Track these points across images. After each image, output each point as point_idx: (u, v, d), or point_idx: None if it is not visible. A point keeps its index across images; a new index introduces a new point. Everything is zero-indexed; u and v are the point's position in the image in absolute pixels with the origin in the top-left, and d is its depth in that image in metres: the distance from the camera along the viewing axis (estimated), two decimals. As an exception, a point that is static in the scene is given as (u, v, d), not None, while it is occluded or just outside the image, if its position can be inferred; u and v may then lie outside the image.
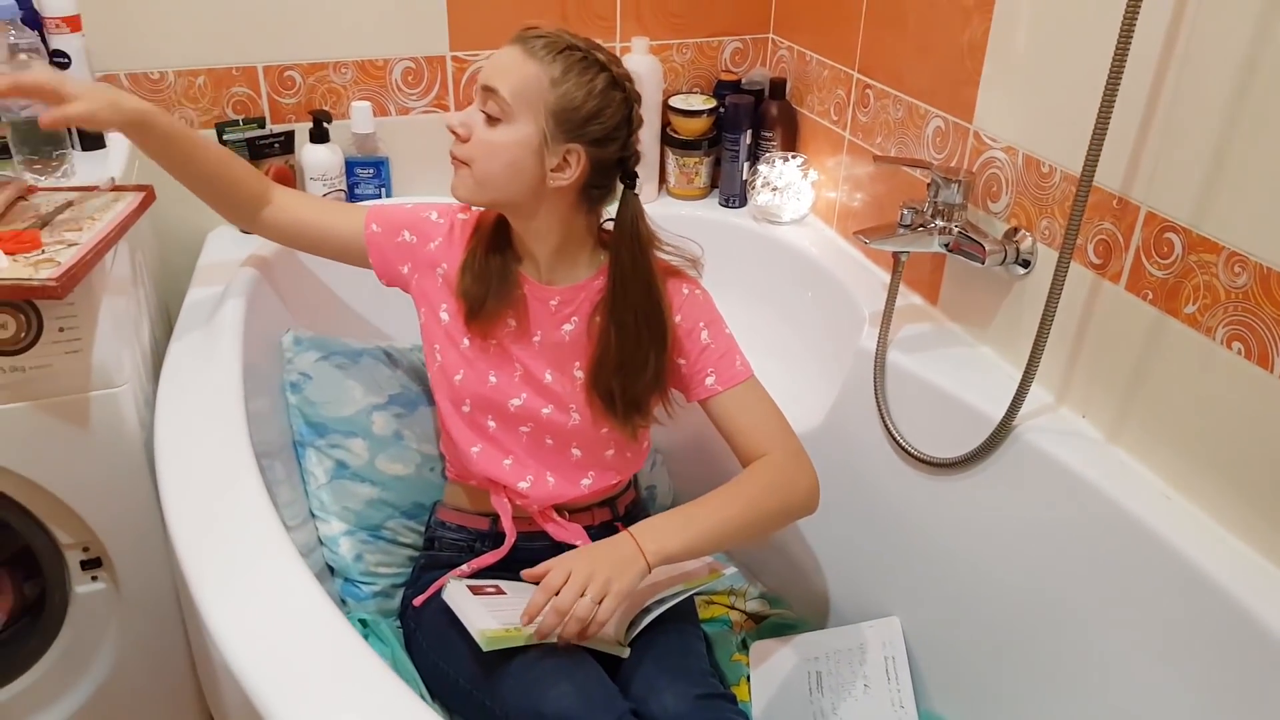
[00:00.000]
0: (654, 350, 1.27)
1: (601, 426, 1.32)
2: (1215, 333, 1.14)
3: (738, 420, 1.30)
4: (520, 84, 1.16)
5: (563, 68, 1.16)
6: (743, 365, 1.32)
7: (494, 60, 1.19)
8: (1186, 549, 1.12)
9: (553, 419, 1.31)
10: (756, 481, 1.26)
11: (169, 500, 1.10)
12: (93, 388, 1.23)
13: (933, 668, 1.47)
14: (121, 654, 1.41)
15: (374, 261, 1.35)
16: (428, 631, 1.29)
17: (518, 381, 1.31)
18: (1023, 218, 1.40)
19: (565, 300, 1.30)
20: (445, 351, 1.32)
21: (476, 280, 1.28)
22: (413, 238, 1.33)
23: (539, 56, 1.16)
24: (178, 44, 1.66)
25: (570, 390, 1.31)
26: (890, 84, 1.66)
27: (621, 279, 1.25)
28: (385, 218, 1.35)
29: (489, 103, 1.18)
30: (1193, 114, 1.13)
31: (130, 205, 1.27)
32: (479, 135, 1.19)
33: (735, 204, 1.98)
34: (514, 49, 1.18)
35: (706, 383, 1.30)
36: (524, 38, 1.18)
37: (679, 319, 1.30)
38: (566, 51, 1.16)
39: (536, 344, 1.31)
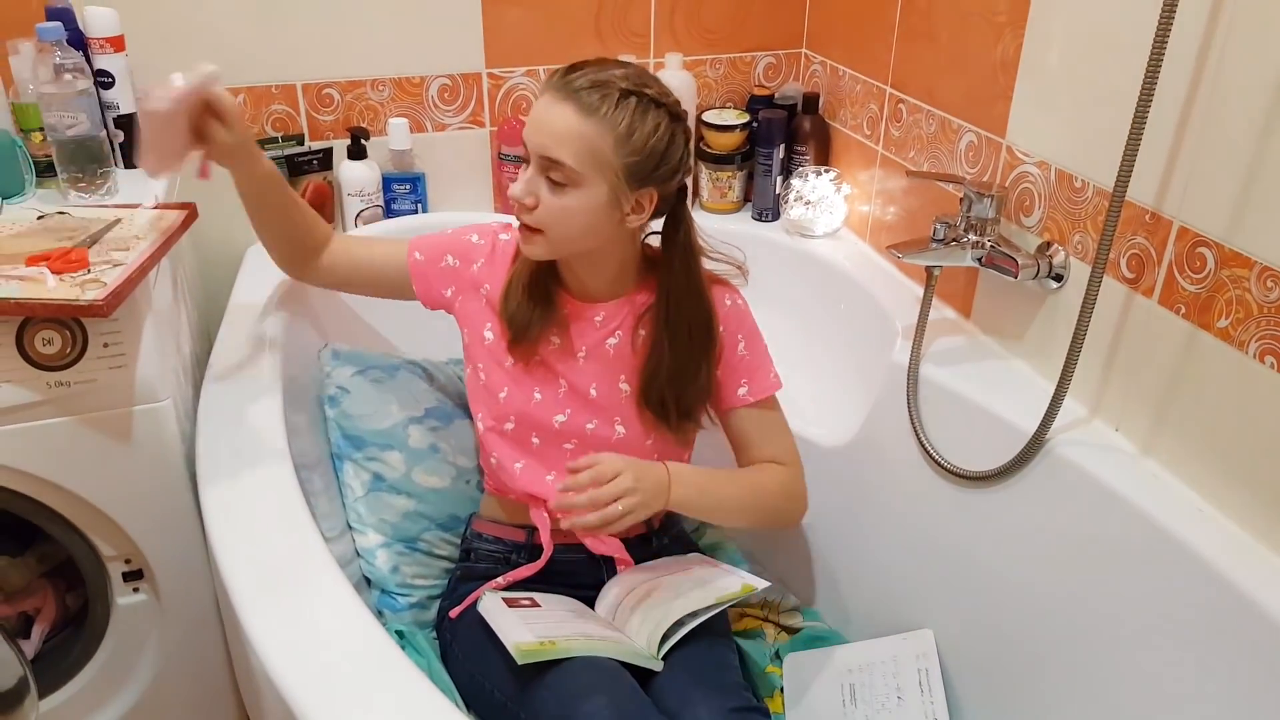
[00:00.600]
0: (705, 359, 1.29)
1: (647, 439, 1.32)
2: (1248, 347, 1.13)
3: (758, 432, 1.35)
4: (584, 149, 1.13)
5: (626, 121, 1.13)
6: (775, 378, 1.36)
7: (546, 122, 1.14)
8: (1219, 563, 1.11)
9: (597, 433, 1.32)
10: (773, 481, 1.33)
11: (210, 512, 1.12)
12: (136, 402, 1.25)
13: (966, 680, 1.46)
14: (162, 665, 1.44)
15: (418, 289, 1.36)
16: (463, 643, 1.30)
17: (562, 398, 1.31)
18: (1055, 232, 1.39)
19: (610, 315, 1.31)
20: (489, 370, 1.33)
21: (521, 305, 1.28)
22: (455, 261, 1.35)
23: (596, 112, 1.12)
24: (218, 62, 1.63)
25: (615, 403, 1.32)
26: (923, 99, 1.66)
27: (674, 291, 1.26)
28: (427, 245, 1.36)
29: (553, 171, 1.15)
30: (1225, 129, 1.13)
31: (173, 224, 1.29)
32: (548, 202, 1.17)
33: (768, 218, 1.98)
34: (566, 107, 1.13)
35: (739, 393, 1.34)
36: (571, 89, 1.13)
37: (721, 330, 1.32)
38: (622, 100, 1.13)
39: (581, 359, 1.32)
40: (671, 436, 1.32)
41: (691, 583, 1.32)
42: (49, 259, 1.16)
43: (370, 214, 1.78)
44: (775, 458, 1.35)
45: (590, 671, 1.15)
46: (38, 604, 1.47)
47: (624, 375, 1.32)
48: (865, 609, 1.60)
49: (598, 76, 1.14)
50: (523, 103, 1.89)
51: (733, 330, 1.33)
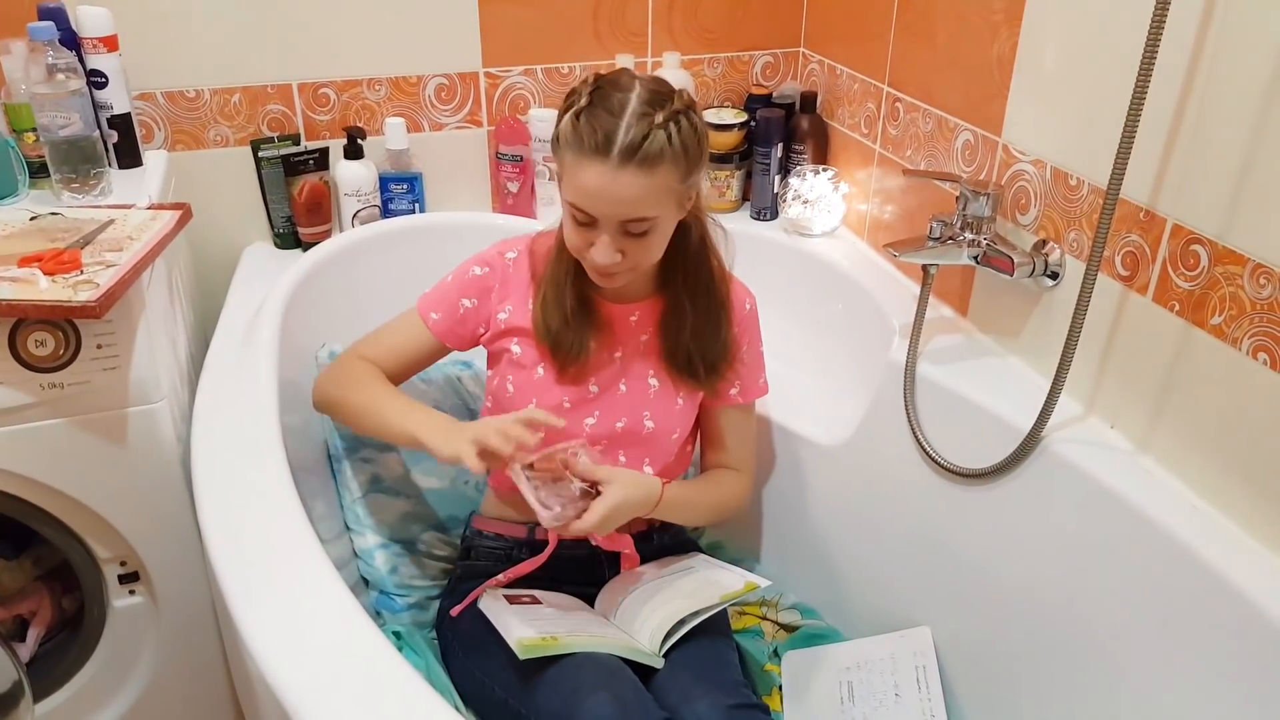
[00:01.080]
0: (723, 312, 1.33)
1: (672, 430, 1.34)
2: (1241, 344, 1.13)
3: (732, 434, 1.43)
4: (661, 196, 1.15)
5: (680, 145, 1.13)
6: (764, 384, 1.42)
7: (616, 192, 1.13)
8: (1214, 559, 1.11)
9: (626, 430, 1.33)
10: (732, 498, 1.44)
11: (205, 515, 1.12)
12: (130, 404, 1.25)
13: (964, 677, 1.46)
14: (159, 667, 1.44)
15: (452, 345, 1.36)
16: (464, 641, 1.30)
17: (590, 400, 1.32)
18: (1051, 230, 1.39)
19: (644, 314, 1.32)
20: (518, 383, 1.32)
21: (564, 329, 1.28)
22: (473, 301, 1.33)
23: (660, 161, 1.12)
24: (214, 62, 1.69)
25: (644, 398, 1.33)
26: (920, 97, 1.66)
27: (687, 255, 1.28)
28: (438, 301, 1.35)
29: (633, 225, 1.16)
30: (1219, 127, 1.13)
31: (167, 225, 1.29)
32: (633, 249, 1.19)
33: (767, 217, 1.98)
34: (629, 173, 1.12)
35: (731, 392, 1.38)
36: (626, 150, 1.11)
37: (736, 330, 1.35)
38: (669, 128, 1.12)
39: (617, 360, 1.33)
40: (697, 394, 1.36)
41: (694, 581, 1.32)
42: (41, 260, 1.16)
43: (367, 214, 1.78)
44: (738, 464, 1.45)
45: (591, 668, 1.16)
46: (33, 607, 1.47)
47: (653, 370, 1.34)
48: (863, 607, 1.60)
49: (633, 121, 1.12)
50: (520, 102, 1.89)
51: (743, 333, 1.38)
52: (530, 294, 1.32)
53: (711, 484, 1.43)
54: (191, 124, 1.72)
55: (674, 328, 1.32)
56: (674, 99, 1.15)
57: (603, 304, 1.31)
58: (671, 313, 1.32)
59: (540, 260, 1.32)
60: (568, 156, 1.15)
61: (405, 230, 1.74)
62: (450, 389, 1.57)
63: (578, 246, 1.21)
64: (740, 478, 1.45)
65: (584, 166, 1.13)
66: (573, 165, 1.14)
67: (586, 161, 1.13)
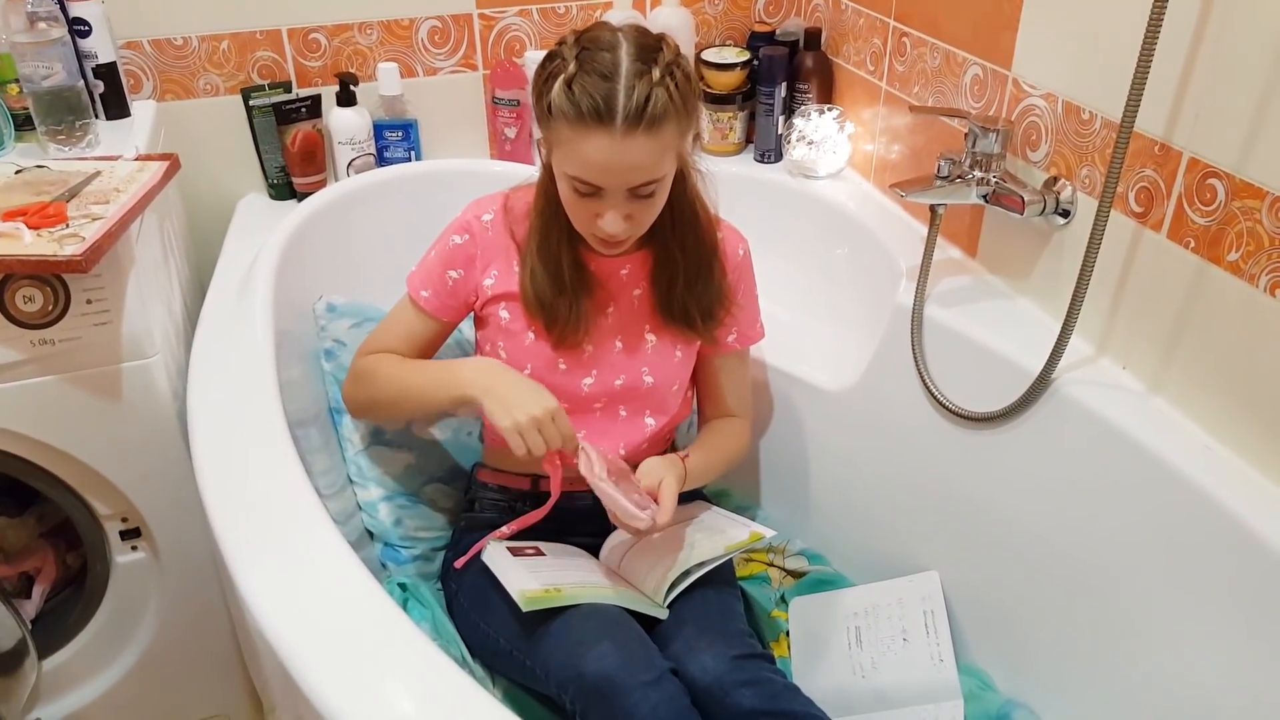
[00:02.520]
0: (715, 258, 1.31)
1: (673, 383, 1.33)
2: (1259, 280, 1.10)
3: (730, 381, 1.43)
4: (665, 158, 1.13)
5: (680, 100, 1.10)
6: (761, 329, 1.42)
7: (623, 163, 1.10)
8: (1227, 500, 1.10)
9: (625, 388, 1.31)
10: (739, 448, 1.44)
11: (202, 470, 1.11)
12: (124, 359, 1.23)
13: (972, 622, 1.46)
14: (163, 622, 1.44)
15: (449, 320, 1.34)
16: (469, 593, 1.30)
17: (587, 360, 1.30)
18: (1062, 166, 1.36)
19: (635, 267, 1.30)
20: (510, 349, 1.30)
21: (549, 280, 1.25)
22: (459, 272, 1.30)
23: (665, 121, 1.09)
24: (200, 9, 1.65)
25: (642, 354, 1.32)
26: (927, 31, 1.61)
27: (676, 203, 1.24)
28: (425, 278, 1.32)
29: (643, 188, 1.14)
30: (1236, 56, 1.09)
31: (155, 175, 1.27)
32: (640, 212, 1.17)
33: (771, 159, 1.94)
34: (636, 139, 1.08)
35: (728, 339, 1.38)
36: (630, 114, 1.07)
37: (731, 276, 1.33)
38: (666, 85, 1.09)
39: (610, 316, 1.30)
40: (699, 341, 1.34)
41: (700, 532, 1.32)
42: (25, 214, 1.13)
43: (362, 162, 1.75)
44: (739, 410, 1.45)
45: (596, 619, 1.15)
46: (38, 564, 1.48)
47: (649, 325, 1.32)
48: (871, 552, 1.59)
49: (631, 83, 1.07)
50: (515, 44, 1.84)
51: (738, 278, 1.35)
52: (513, 256, 1.29)
53: (721, 439, 1.42)
54: (180, 73, 1.68)
55: (666, 279, 1.29)
56: (663, 49, 1.12)
57: (593, 261, 1.28)
58: (662, 264, 1.29)
59: (518, 220, 1.29)
60: (564, 128, 1.10)
61: (401, 179, 1.71)
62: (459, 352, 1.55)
63: (583, 219, 1.18)
64: (742, 424, 1.45)
65: (586, 138, 1.09)
66: (572, 138, 1.10)
67: (589, 132, 1.08)
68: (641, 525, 1.16)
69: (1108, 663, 1.25)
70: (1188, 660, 1.15)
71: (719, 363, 1.41)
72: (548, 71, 1.12)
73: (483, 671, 1.31)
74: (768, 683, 1.17)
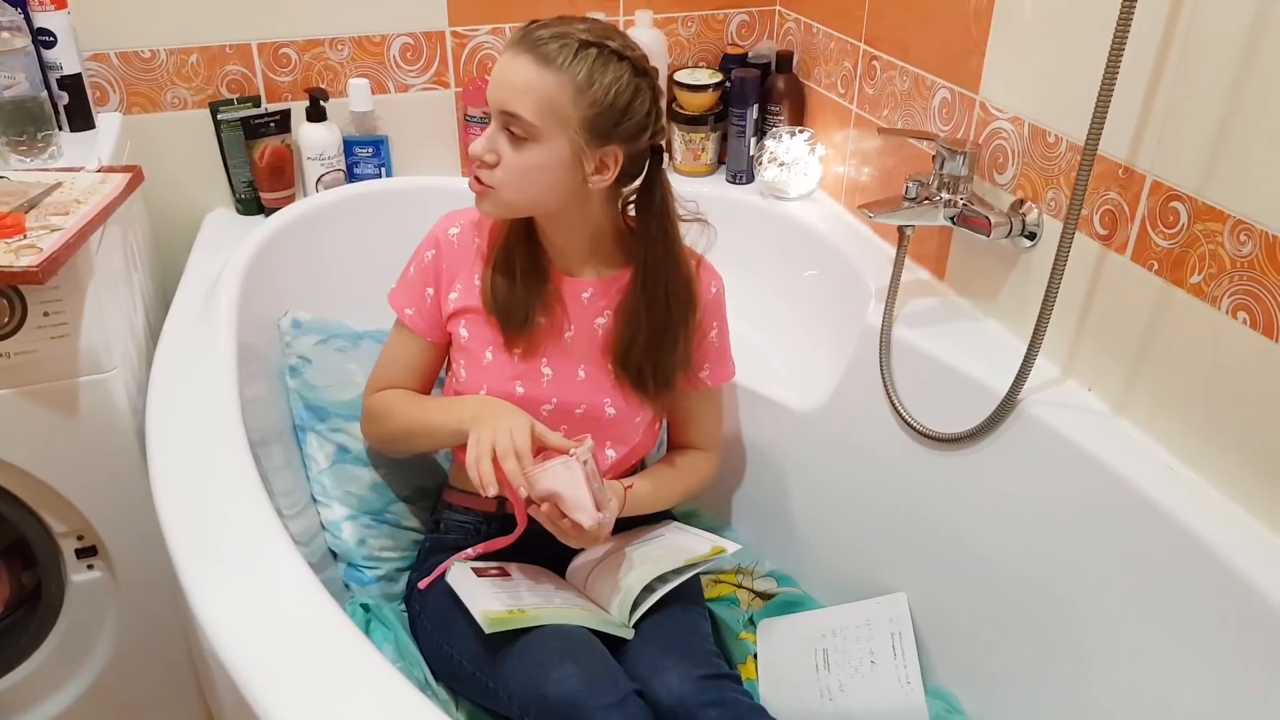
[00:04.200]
0: (684, 326, 1.28)
1: (635, 415, 1.31)
2: (1221, 302, 1.11)
3: (702, 417, 1.42)
4: (542, 101, 1.10)
5: (585, 72, 1.10)
6: (732, 366, 1.41)
7: (505, 76, 1.11)
8: (1189, 521, 1.11)
9: (586, 416, 1.30)
10: (698, 481, 1.42)
11: (159, 489, 1.09)
12: (81, 373, 1.21)
13: (939, 643, 1.45)
14: (120, 642, 1.41)
15: (436, 340, 1.32)
16: (432, 614, 1.28)
17: (547, 385, 1.29)
18: (1029, 189, 1.37)
19: (598, 293, 1.29)
20: (469, 367, 1.29)
21: (509, 288, 1.24)
22: (433, 289, 1.30)
23: (555, 64, 1.09)
24: (169, 21, 1.64)
25: (605, 384, 1.30)
26: (897, 55, 1.62)
27: (651, 259, 1.24)
28: (407, 296, 1.31)
29: (513, 124, 1.12)
30: (1198, 81, 1.10)
31: (117, 188, 1.25)
32: (508, 158, 1.14)
33: (743, 180, 1.95)
34: (524, 59, 1.10)
35: (700, 375, 1.37)
36: (531, 42, 1.11)
37: (701, 315, 1.32)
38: (582, 51, 1.10)
39: (568, 340, 1.29)
40: (650, 406, 1.32)
41: (662, 548, 1.31)
42: (-17, 225, 1.12)
43: (331, 178, 1.74)
44: (705, 445, 1.44)
45: (559, 640, 1.14)
46: (-9, 582, 1.45)
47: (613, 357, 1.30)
48: (839, 573, 1.58)
49: (559, 29, 1.11)
50: (488, 62, 1.84)
51: (710, 317, 1.35)
52: (476, 270, 1.28)
53: (675, 473, 1.40)
54: (147, 86, 1.66)
55: (627, 336, 1.27)
56: (618, 42, 1.13)
57: (554, 273, 1.28)
58: (625, 319, 1.27)
59: (484, 234, 1.29)
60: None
61: (371, 194, 1.70)
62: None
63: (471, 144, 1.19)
64: (709, 457, 1.44)
65: (501, 55, 1.14)
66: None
67: (504, 50, 1.14)
68: (587, 521, 1.12)
69: (1074, 684, 1.25)
70: (1153, 682, 1.14)
71: (690, 398, 1.39)
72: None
73: (446, 695, 1.29)
74: (734, 703, 1.16)
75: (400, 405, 1.31)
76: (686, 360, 1.31)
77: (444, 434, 1.26)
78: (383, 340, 1.50)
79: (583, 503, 1.12)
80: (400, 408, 1.30)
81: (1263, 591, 1.02)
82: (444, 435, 1.26)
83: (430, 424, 1.27)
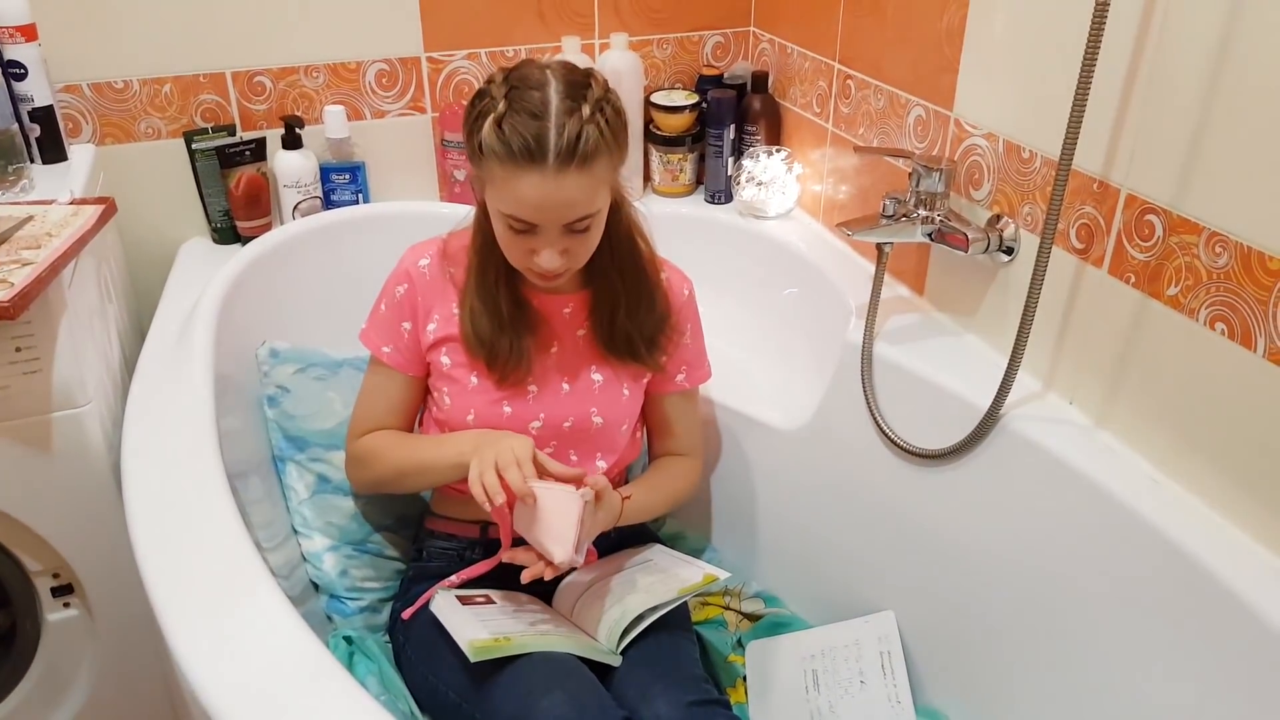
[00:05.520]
0: (656, 288, 1.30)
1: (622, 423, 1.32)
2: (1198, 314, 1.11)
3: (681, 421, 1.42)
4: (598, 193, 1.13)
5: (611, 134, 1.11)
6: (708, 368, 1.42)
7: (557, 200, 1.10)
8: (1173, 533, 1.11)
9: (575, 429, 1.30)
10: (686, 486, 1.43)
11: (136, 524, 1.07)
12: (54, 409, 1.20)
13: (929, 661, 1.44)
14: (98, 682, 1.39)
15: (416, 375, 1.32)
16: (416, 644, 1.27)
17: (533, 403, 1.28)
18: (1005, 204, 1.37)
19: (578, 306, 1.29)
20: (454, 394, 1.28)
21: (489, 317, 1.24)
22: (410, 323, 1.29)
23: (597, 156, 1.10)
24: (142, 51, 1.63)
25: (590, 394, 1.30)
26: (871, 74, 1.63)
27: (614, 235, 1.25)
28: (382, 332, 1.30)
29: (578, 223, 1.14)
30: (1169, 94, 1.11)
31: (90, 220, 1.24)
32: (575, 246, 1.16)
33: (721, 200, 1.95)
34: (569, 176, 1.08)
35: (677, 379, 1.38)
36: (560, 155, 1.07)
37: (675, 318, 1.34)
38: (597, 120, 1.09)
39: (553, 355, 1.29)
40: (645, 372, 1.33)
41: (652, 575, 1.30)
42: (-47, 261, 1.10)
43: (308, 206, 1.73)
44: (687, 449, 1.44)
45: (546, 667, 1.13)
46: (-36, 623, 1.42)
47: (595, 364, 1.31)
48: (826, 592, 1.58)
49: (562, 120, 1.08)
50: (464, 87, 1.84)
51: (684, 321, 1.36)
52: (452, 299, 1.28)
53: (665, 477, 1.41)
54: (121, 116, 1.65)
55: (607, 310, 1.29)
56: (592, 85, 1.12)
57: (535, 297, 1.28)
58: (603, 297, 1.29)
59: (456, 262, 1.28)
60: (495, 167, 1.10)
61: (348, 221, 1.69)
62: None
63: (518, 256, 1.18)
64: (691, 462, 1.45)
65: (520, 177, 1.09)
66: (505, 177, 1.10)
67: (521, 172, 1.09)
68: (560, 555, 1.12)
69: (1063, 697, 1.24)
70: (1144, 693, 1.14)
71: (667, 402, 1.40)
72: (477, 110, 1.12)
73: (432, 726, 1.27)
74: (723, 730, 1.15)
75: (389, 446, 1.29)
76: (665, 317, 1.31)
77: (442, 468, 1.24)
78: (362, 368, 1.49)
79: (565, 535, 1.11)
80: (389, 449, 1.29)
81: (1248, 601, 1.02)
82: (441, 469, 1.25)
83: (424, 461, 1.26)
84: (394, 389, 1.32)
